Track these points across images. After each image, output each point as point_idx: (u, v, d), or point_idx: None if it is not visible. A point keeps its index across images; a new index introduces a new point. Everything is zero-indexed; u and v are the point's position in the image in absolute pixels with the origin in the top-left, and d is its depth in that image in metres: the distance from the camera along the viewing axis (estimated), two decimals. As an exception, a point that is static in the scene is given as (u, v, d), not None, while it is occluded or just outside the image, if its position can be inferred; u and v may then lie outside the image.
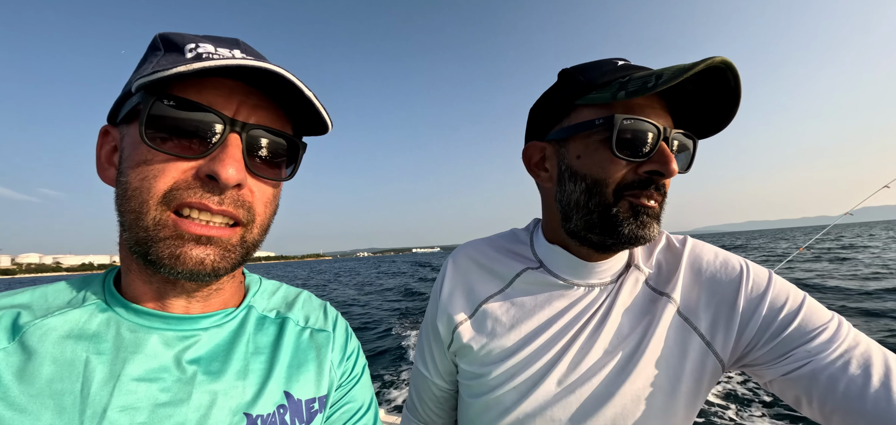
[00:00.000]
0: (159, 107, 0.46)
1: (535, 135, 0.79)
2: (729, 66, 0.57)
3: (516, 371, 0.74)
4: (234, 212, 0.51)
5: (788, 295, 0.65)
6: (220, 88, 0.50)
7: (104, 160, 0.54)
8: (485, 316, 0.80)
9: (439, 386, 0.92)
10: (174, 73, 0.43)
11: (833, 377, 0.57)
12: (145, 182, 0.47)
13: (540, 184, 0.81)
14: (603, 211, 0.66)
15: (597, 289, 0.75)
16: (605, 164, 0.66)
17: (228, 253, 0.52)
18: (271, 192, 0.57)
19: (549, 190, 0.77)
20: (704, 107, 0.67)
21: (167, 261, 0.48)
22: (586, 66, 0.71)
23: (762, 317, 0.64)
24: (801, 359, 0.60)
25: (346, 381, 0.68)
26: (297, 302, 0.69)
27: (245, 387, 0.54)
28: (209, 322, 0.56)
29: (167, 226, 0.48)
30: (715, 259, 0.74)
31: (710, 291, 0.70)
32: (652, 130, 0.63)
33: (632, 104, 0.64)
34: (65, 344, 0.47)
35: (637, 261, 0.77)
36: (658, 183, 0.65)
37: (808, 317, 0.62)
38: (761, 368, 0.65)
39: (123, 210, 0.49)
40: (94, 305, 0.52)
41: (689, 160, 0.70)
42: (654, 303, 0.72)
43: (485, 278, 0.84)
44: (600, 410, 0.68)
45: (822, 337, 0.60)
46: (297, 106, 0.55)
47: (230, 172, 0.48)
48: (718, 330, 0.68)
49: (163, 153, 0.47)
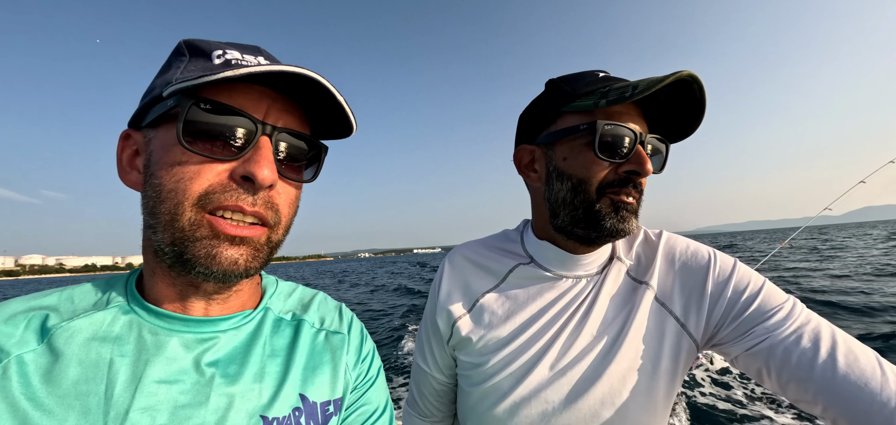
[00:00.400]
0: (196, 112, 0.48)
1: (524, 139, 0.86)
2: (695, 79, 0.65)
3: (512, 358, 0.79)
4: (264, 213, 0.53)
5: (750, 279, 0.72)
6: (250, 93, 0.52)
7: (126, 164, 0.55)
8: (482, 309, 0.85)
9: (439, 380, 0.97)
10: (221, 77, 0.45)
11: (787, 350, 0.64)
12: (181, 183, 0.49)
13: (529, 185, 0.88)
14: (587, 207, 0.74)
15: (583, 280, 0.82)
16: (588, 165, 0.73)
17: (258, 252, 0.54)
18: (295, 194, 0.59)
19: (538, 189, 0.84)
20: (675, 115, 0.75)
21: (203, 261, 0.49)
22: (571, 77, 0.79)
23: (727, 299, 0.72)
24: (760, 336, 0.67)
25: (362, 384, 0.69)
26: (313, 303, 0.71)
27: (261, 390, 0.56)
28: (227, 324, 0.57)
29: (203, 226, 0.49)
30: (686, 249, 0.81)
31: (683, 278, 0.78)
32: (629, 135, 0.71)
33: (611, 111, 0.72)
34: (90, 346, 0.49)
35: (619, 253, 0.84)
36: (635, 181, 0.73)
37: (766, 298, 0.69)
38: (727, 346, 0.72)
39: (156, 212, 0.50)
40: (118, 307, 0.53)
41: (662, 162, 0.79)
42: (635, 290, 0.80)
43: (480, 275, 0.89)
44: (589, 390, 0.74)
45: (778, 316, 0.67)
46: (322, 110, 0.57)
47: (265, 173, 0.50)
48: (691, 312, 0.75)
49: (198, 155, 0.49)
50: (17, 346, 0.46)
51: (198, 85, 0.46)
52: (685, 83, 0.67)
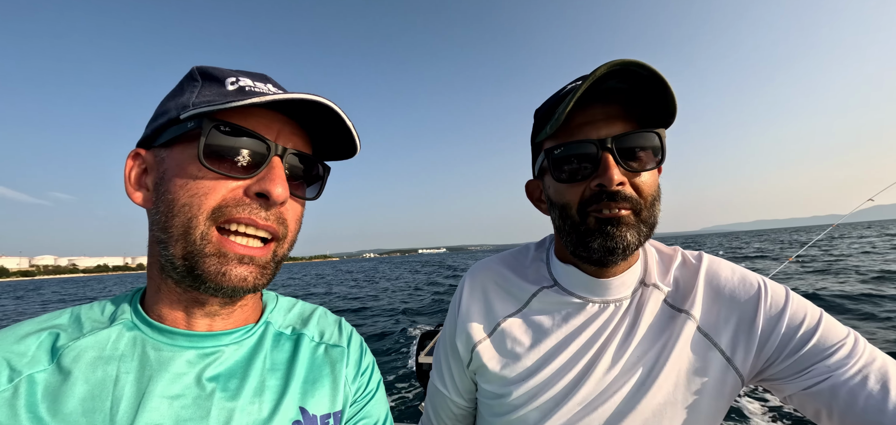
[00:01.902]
0: (216, 134, 0.51)
1: (533, 172, 0.86)
2: (625, 65, 0.60)
3: (539, 391, 0.75)
4: (276, 227, 0.56)
5: (806, 312, 0.67)
6: (263, 117, 0.55)
7: (134, 182, 0.57)
8: (503, 335, 0.81)
9: (457, 403, 0.92)
10: (249, 103, 0.49)
11: (852, 392, 0.59)
12: (195, 198, 0.51)
13: None
14: (574, 230, 0.71)
15: (612, 305, 0.76)
16: (560, 190, 0.72)
17: (265, 269, 0.57)
18: (300, 211, 0.63)
19: (552, 218, 0.81)
20: (654, 98, 0.67)
21: (213, 278, 0.52)
22: (542, 105, 0.78)
23: (781, 334, 0.66)
24: (820, 375, 0.62)
25: (361, 397, 0.70)
26: (313, 318, 0.72)
27: (261, 405, 0.57)
28: (230, 339, 0.59)
29: (212, 242, 0.52)
30: (733, 276, 0.75)
31: (730, 308, 0.72)
32: (587, 147, 0.68)
33: (568, 130, 0.70)
34: (96, 365, 0.50)
35: (654, 278, 0.78)
36: (612, 192, 0.67)
37: (825, 333, 0.64)
38: (781, 383, 0.67)
39: (167, 226, 0.52)
40: (123, 325, 0.55)
41: (656, 153, 0.70)
42: (673, 319, 0.74)
43: (502, 297, 0.85)
44: (621, 424, 0.70)
45: (840, 354, 0.62)
46: (328, 132, 0.61)
47: (279, 191, 0.54)
48: (739, 345, 0.69)
49: (215, 172, 0.52)
50: (29, 366, 0.48)
51: (220, 110, 0.50)
52: (631, 72, 0.63)
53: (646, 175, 0.69)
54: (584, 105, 0.68)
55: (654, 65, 0.61)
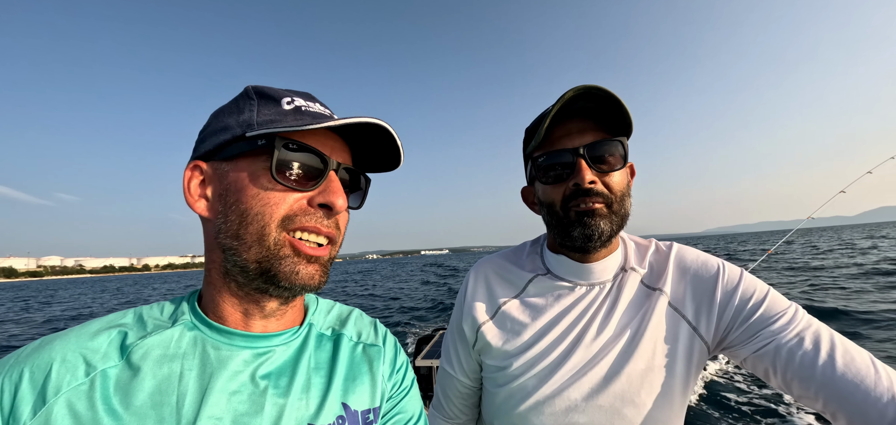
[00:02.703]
0: (285, 151, 0.57)
1: (526, 179, 0.99)
2: (586, 89, 0.74)
3: (535, 361, 0.86)
4: (334, 233, 0.62)
5: (756, 287, 0.79)
6: (318, 135, 0.61)
7: (194, 191, 0.61)
8: (504, 316, 0.93)
9: (464, 383, 1.03)
10: (319, 126, 0.55)
11: (791, 352, 0.70)
12: (267, 208, 0.56)
13: None
14: (559, 223, 0.85)
15: (596, 287, 0.89)
16: (546, 191, 0.86)
17: (325, 268, 0.63)
18: (347, 218, 0.68)
19: (542, 217, 0.94)
20: (614, 115, 0.81)
21: (288, 277, 0.57)
22: (531, 123, 0.91)
23: (736, 306, 0.78)
24: (766, 339, 0.73)
25: (397, 393, 0.74)
26: (350, 319, 0.76)
27: (308, 401, 0.61)
28: (279, 340, 0.63)
29: (285, 246, 0.57)
30: (697, 259, 0.88)
31: (694, 285, 0.84)
32: (565, 156, 0.82)
33: (550, 142, 0.84)
34: (162, 362, 0.54)
35: (632, 263, 0.90)
36: (585, 189, 0.80)
37: (771, 304, 0.76)
38: (736, 348, 0.78)
39: (240, 233, 0.57)
40: (184, 325, 0.59)
41: (622, 156, 0.83)
42: (649, 297, 0.86)
43: (502, 284, 0.98)
44: (609, 387, 0.81)
45: (782, 320, 0.73)
46: (371, 148, 0.68)
47: (340, 203, 0.60)
48: (701, 316, 0.81)
49: (282, 184, 0.57)
50: (103, 361, 0.52)
51: (294, 131, 0.56)
52: (589, 95, 0.76)
53: (615, 175, 0.82)
54: (562, 121, 0.83)
55: (613, 87, 0.74)
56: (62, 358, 0.50)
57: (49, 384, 0.48)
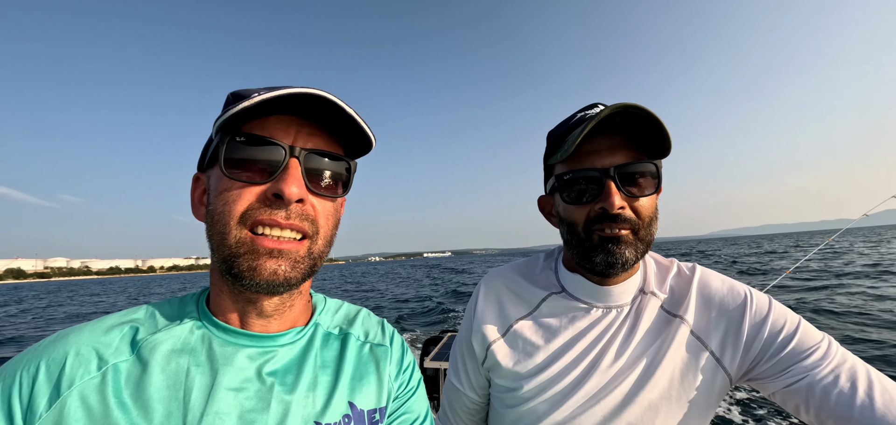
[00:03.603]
0: (233, 145, 0.56)
1: (545, 188, 0.94)
2: (626, 108, 0.70)
3: (547, 385, 0.83)
4: (301, 224, 0.59)
5: (786, 318, 0.75)
6: (279, 123, 0.59)
7: (197, 201, 0.64)
8: (516, 336, 0.89)
9: (471, 398, 1.00)
10: (238, 109, 0.52)
11: (826, 389, 0.66)
12: (227, 207, 0.56)
13: None
14: (580, 245, 0.80)
15: (614, 310, 0.84)
16: (568, 210, 0.81)
17: (298, 264, 0.59)
18: (331, 207, 0.65)
19: (560, 232, 0.89)
20: (651, 135, 0.76)
21: (247, 274, 0.56)
22: (555, 128, 0.87)
23: (765, 338, 0.74)
24: (798, 374, 0.69)
25: (403, 393, 0.74)
26: (358, 318, 0.77)
27: (315, 398, 0.62)
28: (284, 339, 0.64)
29: (245, 243, 0.56)
30: (722, 285, 0.83)
31: (719, 314, 0.80)
32: (592, 175, 0.76)
33: (576, 157, 0.78)
34: (171, 358, 0.56)
35: (651, 287, 0.86)
36: (612, 215, 0.75)
37: (803, 337, 0.72)
38: (765, 381, 0.74)
39: (211, 234, 0.58)
40: (192, 323, 0.60)
41: (654, 180, 0.78)
42: (669, 323, 0.82)
43: (514, 301, 0.93)
44: (622, 416, 0.77)
45: (815, 355, 0.69)
46: (345, 129, 0.63)
47: (293, 190, 0.56)
48: (727, 347, 0.77)
49: (238, 181, 0.56)
50: (114, 355, 0.54)
51: (234, 122, 0.55)
52: (628, 113, 0.72)
53: (644, 200, 0.77)
54: (591, 135, 0.76)
55: (649, 105, 0.67)
56: (76, 352, 0.52)
57: (63, 377, 0.50)
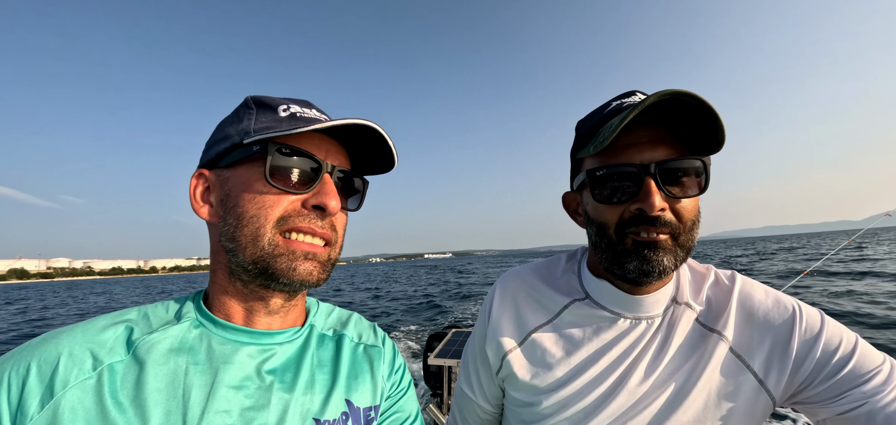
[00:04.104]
0: (278, 156, 0.59)
1: (571, 184, 0.86)
2: (675, 95, 0.59)
3: (569, 402, 0.76)
4: (330, 234, 0.64)
5: (842, 337, 0.67)
6: (313, 139, 0.63)
7: (199, 198, 0.64)
8: (534, 346, 0.82)
9: (484, 408, 0.94)
10: (309, 129, 0.56)
11: (889, 419, 0.59)
12: (263, 210, 0.59)
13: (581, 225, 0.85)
14: (612, 250, 0.71)
15: (644, 321, 0.76)
16: (599, 209, 0.72)
17: (324, 266, 0.64)
18: (345, 220, 0.70)
19: (588, 233, 0.80)
20: (700, 125, 0.66)
21: (285, 273, 0.59)
22: (585, 118, 0.78)
23: (817, 359, 0.66)
24: (856, 401, 0.62)
25: (395, 392, 0.76)
26: (350, 321, 0.79)
27: (313, 396, 0.63)
28: (283, 337, 0.65)
29: (280, 246, 0.59)
30: (766, 298, 0.75)
31: (764, 331, 0.71)
32: (629, 170, 0.67)
33: (611, 150, 0.69)
34: (168, 357, 0.56)
35: (686, 297, 0.77)
36: (650, 217, 0.66)
37: (861, 359, 0.64)
38: (815, 407, 0.67)
39: (236, 236, 0.59)
40: (189, 322, 0.61)
41: (701, 180, 0.69)
42: (705, 339, 0.74)
43: (532, 307, 0.85)
44: None
45: (876, 380, 0.62)
46: (368, 149, 0.68)
47: (333, 204, 0.61)
48: (772, 369, 0.69)
49: (277, 188, 0.59)
50: (109, 355, 0.53)
51: (284, 135, 0.58)
52: (677, 101, 0.62)
53: (687, 201, 0.68)
54: (630, 126, 0.67)
55: (703, 93, 0.59)
56: (69, 352, 0.51)
57: (56, 377, 0.49)
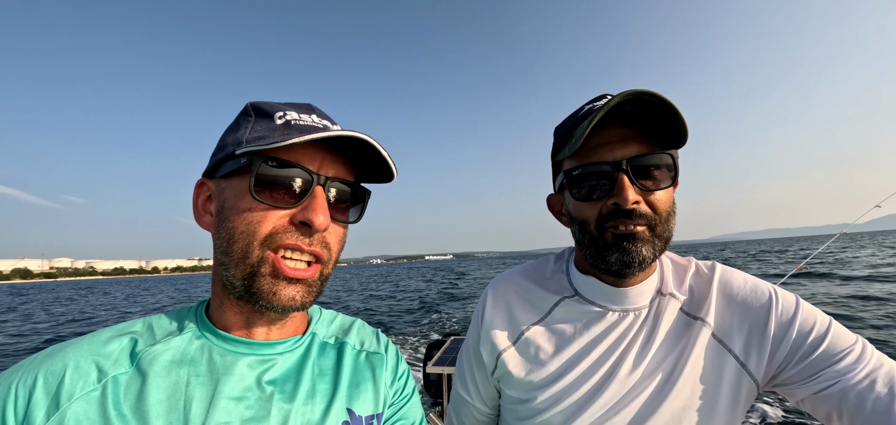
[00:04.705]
0: (264, 168, 0.57)
1: (554, 187, 0.90)
2: (637, 94, 0.63)
3: (562, 395, 0.78)
4: (320, 251, 0.61)
5: (816, 319, 0.70)
6: (306, 149, 0.60)
7: (200, 208, 0.64)
8: (527, 343, 0.84)
9: (480, 410, 0.96)
10: (287, 144, 0.54)
11: (861, 396, 0.61)
12: (251, 227, 0.57)
13: None
14: (593, 244, 0.75)
15: (631, 313, 0.79)
16: (579, 208, 0.76)
17: (312, 288, 0.62)
18: (342, 233, 0.67)
19: (571, 231, 0.84)
20: (666, 121, 0.69)
21: (266, 296, 0.58)
22: (562, 123, 0.82)
23: (792, 340, 0.69)
24: (830, 379, 0.64)
25: (398, 399, 0.76)
26: (353, 328, 0.78)
27: (314, 406, 0.62)
28: (283, 347, 0.65)
29: (267, 263, 0.57)
30: (745, 284, 0.78)
31: (743, 315, 0.75)
32: (603, 168, 0.71)
33: (585, 151, 0.73)
34: (170, 368, 0.56)
35: (670, 288, 0.81)
36: (626, 211, 0.70)
37: (834, 339, 0.67)
38: (793, 387, 0.70)
39: (228, 251, 0.58)
40: (191, 333, 0.61)
41: (670, 172, 0.73)
42: (689, 327, 0.77)
43: (524, 307, 0.88)
44: None
45: (848, 359, 0.65)
46: (367, 159, 0.65)
47: (320, 220, 0.58)
48: (752, 351, 0.72)
49: (265, 203, 0.57)
50: (114, 367, 0.54)
51: (267, 149, 0.55)
52: (641, 101, 0.66)
53: (660, 193, 0.72)
54: (600, 126, 0.71)
55: (665, 91, 0.63)
56: (75, 365, 0.52)
57: (62, 389, 0.50)
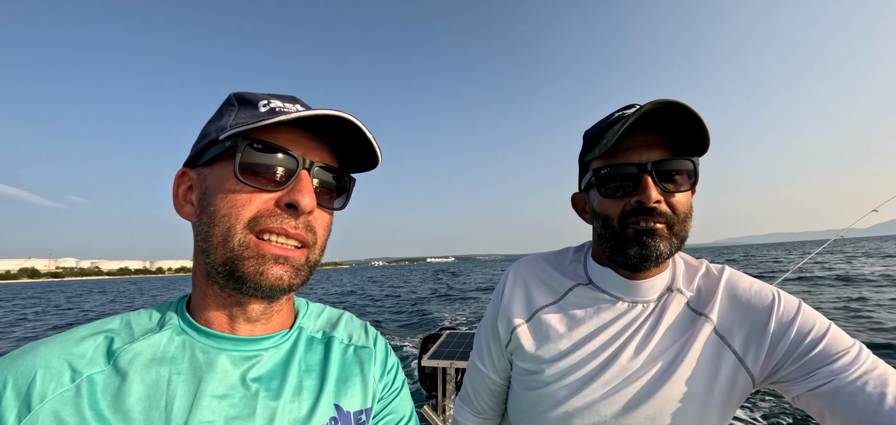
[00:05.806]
0: (249, 151, 0.56)
1: (579, 186, 0.97)
2: (666, 104, 0.70)
3: (568, 371, 0.84)
4: (305, 235, 0.60)
5: (816, 321, 0.73)
6: (291, 134, 0.60)
7: (181, 197, 0.62)
8: (540, 322, 0.91)
9: (494, 380, 1.04)
10: (273, 122, 0.53)
11: (852, 395, 0.64)
12: (234, 209, 0.56)
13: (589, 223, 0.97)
14: (614, 238, 0.81)
15: (640, 305, 0.85)
16: (604, 204, 0.83)
17: (299, 271, 0.60)
18: (328, 220, 0.66)
19: (593, 227, 0.92)
20: (691, 131, 0.76)
21: (252, 278, 0.56)
22: (592, 127, 0.89)
23: (791, 339, 0.73)
24: (824, 378, 0.67)
25: (388, 394, 0.75)
26: (341, 322, 0.77)
27: (300, 403, 0.60)
28: (269, 343, 0.63)
29: (250, 247, 0.56)
30: (750, 286, 0.83)
31: (745, 314, 0.79)
32: (630, 170, 0.78)
33: (614, 153, 0.81)
34: (150, 366, 0.54)
35: (679, 284, 0.86)
36: (649, 208, 0.76)
37: (831, 341, 0.70)
38: (789, 384, 0.73)
39: (209, 235, 0.56)
40: (172, 329, 0.58)
41: (690, 177, 0.79)
42: (694, 321, 0.82)
43: (541, 289, 0.95)
44: (640, 408, 0.78)
45: (843, 360, 0.67)
46: (351, 145, 0.65)
47: (306, 201, 0.57)
48: (751, 348, 0.76)
49: (249, 186, 0.56)
50: (88, 367, 0.51)
51: (252, 129, 0.55)
52: (668, 109, 0.72)
53: (680, 195, 0.79)
54: (629, 132, 0.78)
55: (690, 102, 0.70)
56: (46, 365, 0.50)
57: (33, 391, 0.48)
